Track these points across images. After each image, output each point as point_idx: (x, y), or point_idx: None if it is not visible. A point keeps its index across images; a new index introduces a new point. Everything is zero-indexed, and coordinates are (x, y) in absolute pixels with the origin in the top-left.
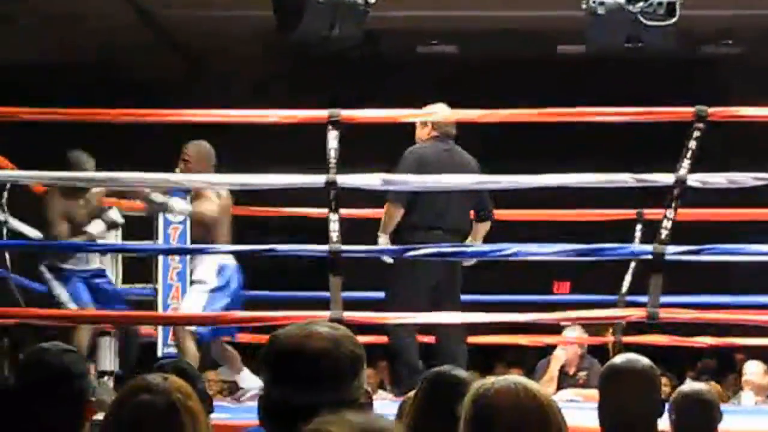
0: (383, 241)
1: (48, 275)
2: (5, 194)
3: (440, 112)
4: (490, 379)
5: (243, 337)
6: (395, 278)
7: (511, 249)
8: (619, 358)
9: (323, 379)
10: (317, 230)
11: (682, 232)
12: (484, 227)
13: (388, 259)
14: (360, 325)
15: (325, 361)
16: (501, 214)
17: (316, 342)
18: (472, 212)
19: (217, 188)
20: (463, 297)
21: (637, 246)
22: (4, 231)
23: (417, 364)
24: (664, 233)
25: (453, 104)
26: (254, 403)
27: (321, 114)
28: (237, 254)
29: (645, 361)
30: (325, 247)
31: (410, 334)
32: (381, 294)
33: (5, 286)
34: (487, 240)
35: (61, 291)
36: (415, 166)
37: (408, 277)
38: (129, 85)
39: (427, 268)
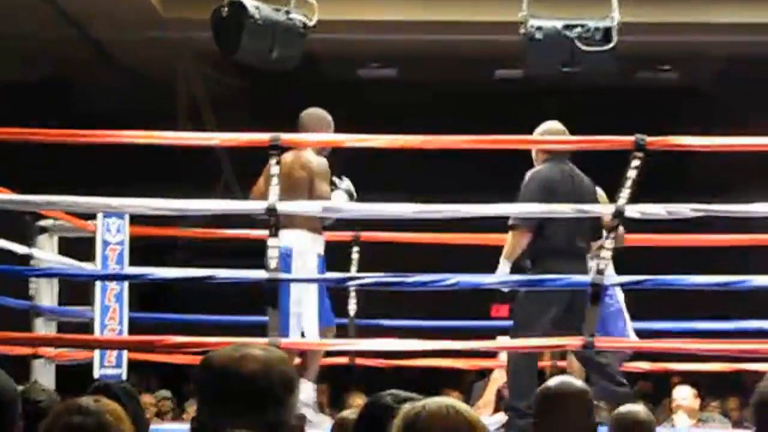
0: (505, 269)
1: None
2: None
3: (553, 129)
4: (421, 402)
5: (179, 359)
6: (521, 306)
7: (452, 279)
8: (553, 381)
9: (255, 401)
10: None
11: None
12: (594, 246)
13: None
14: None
15: (258, 382)
16: (442, 238)
17: (249, 364)
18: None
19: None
20: (401, 322)
21: (576, 277)
22: None
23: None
24: (602, 264)
25: (393, 128)
26: None
27: (262, 138)
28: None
29: (579, 383)
30: (264, 274)
31: (528, 360)
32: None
33: None
34: (430, 264)
35: None
36: (542, 188)
37: (533, 304)
38: (76, 106)
39: (552, 295)
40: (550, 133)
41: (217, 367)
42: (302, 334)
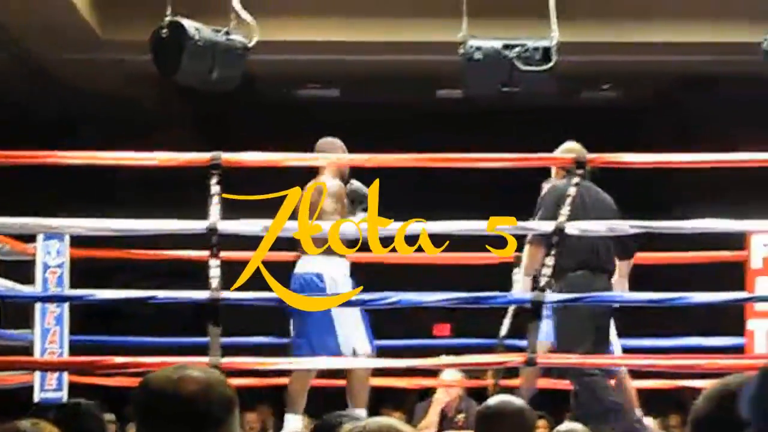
0: (524, 285)
1: None
2: None
3: (572, 149)
4: (362, 422)
5: (121, 381)
6: (563, 326)
7: (393, 297)
8: (493, 400)
9: (192, 422)
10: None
11: None
12: (627, 265)
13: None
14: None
15: (197, 404)
16: (385, 258)
17: (188, 385)
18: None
19: (91, 232)
20: None
21: (517, 294)
22: None
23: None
24: (543, 281)
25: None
26: None
27: (203, 157)
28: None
29: (518, 402)
30: (204, 294)
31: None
32: (260, 339)
33: None
34: (373, 283)
35: None
36: (557, 202)
37: (575, 324)
38: (13, 126)
39: (590, 311)
40: (569, 152)
41: (156, 388)
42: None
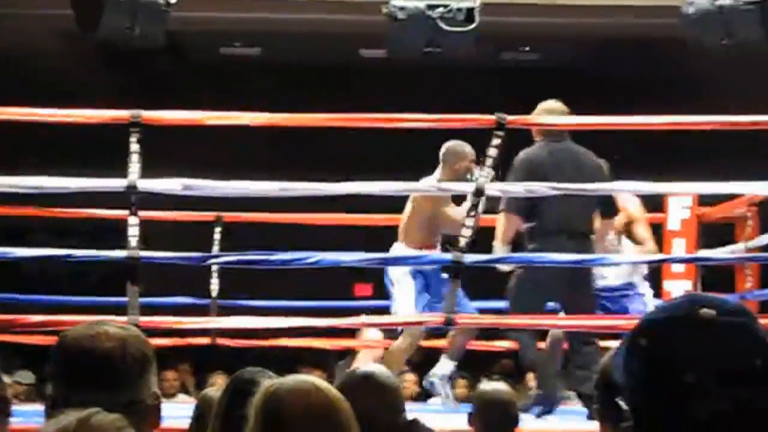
0: (501, 252)
1: None
2: None
3: (553, 108)
4: (281, 379)
5: (38, 339)
6: (515, 286)
7: (314, 257)
8: (362, 369)
9: (108, 379)
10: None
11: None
12: (608, 225)
13: (505, 267)
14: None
15: (112, 360)
16: (305, 218)
17: (103, 342)
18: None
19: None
20: (265, 303)
21: (437, 254)
22: None
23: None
24: (462, 241)
25: (257, 107)
26: None
27: (122, 114)
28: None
29: (384, 373)
30: (123, 253)
31: (531, 337)
32: (180, 299)
33: None
34: (292, 244)
35: None
36: (525, 169)
37: (527, 283)
38: None
39: (547, 274)
40: (549, 111)
41: (72, 344)
42: None
